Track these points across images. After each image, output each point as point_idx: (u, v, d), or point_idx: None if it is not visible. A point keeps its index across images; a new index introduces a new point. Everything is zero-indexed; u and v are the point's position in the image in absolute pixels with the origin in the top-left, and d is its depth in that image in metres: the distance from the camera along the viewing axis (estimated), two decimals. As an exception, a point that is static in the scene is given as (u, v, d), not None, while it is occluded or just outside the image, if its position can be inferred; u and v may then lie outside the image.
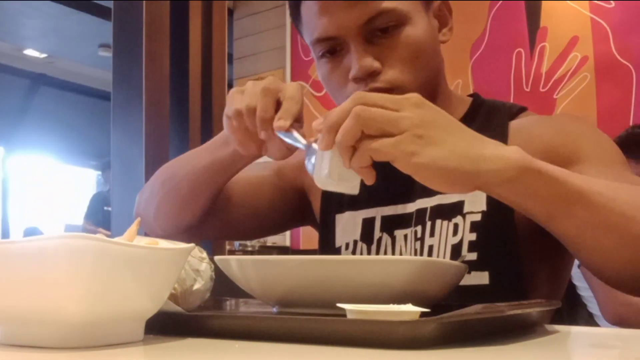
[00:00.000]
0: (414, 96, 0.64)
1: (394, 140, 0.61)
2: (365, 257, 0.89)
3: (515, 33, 3.13)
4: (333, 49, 0.87)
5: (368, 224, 0.95)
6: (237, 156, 0.85)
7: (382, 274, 0.63)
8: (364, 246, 0.94)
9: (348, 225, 0.96)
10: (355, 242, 0.95)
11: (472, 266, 0.83)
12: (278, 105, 0.76)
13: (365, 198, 0.96)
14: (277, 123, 0.74)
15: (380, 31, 0.85)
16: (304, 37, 0.93)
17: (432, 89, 0.90)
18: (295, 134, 0.74)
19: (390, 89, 0.84)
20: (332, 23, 0.85)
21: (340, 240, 0.96)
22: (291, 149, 0.78)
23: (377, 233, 0.93)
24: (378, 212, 0.94)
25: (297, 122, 0.76)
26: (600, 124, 2.80)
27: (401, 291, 0.63)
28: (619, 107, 2.84)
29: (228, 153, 0.86)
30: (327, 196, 1.01)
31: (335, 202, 0.99)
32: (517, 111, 0.93)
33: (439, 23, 0.92)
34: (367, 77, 0.85)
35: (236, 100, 0.78)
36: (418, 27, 0.86)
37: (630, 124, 2.69)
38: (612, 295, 1.83)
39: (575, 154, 0.82)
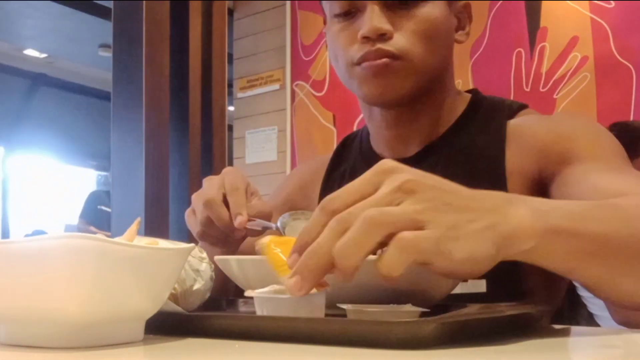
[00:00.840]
0: (384, 163, 0.52)
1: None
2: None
3: (515, 33, 3.12)
4: (349, 9, 0.88)
5: None
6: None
7: (364, 276, 0.63)
8: None
9: None
10: None
11: None
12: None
13: None
14: (236, 223, 0.77)
15: (400, 1, 0.86)
16: None
17: (437, 78, 0.90)
18: (259, 221, 0.78)
19: (397, 56, 0.85)
20: None
21: None
22: (242, 234, 0.81)
23: None
24: None
25: (253, 194, 0.80)
26: (600, 123, 2.79)
27: (403, 291, 0.63)
28: (619, 107, 2.83)
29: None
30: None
31: None
32: (517, 109, 0.93)
33: (458, 24, 0.93)
34: (377, 39, 0.85)
35: (192, 223, 0.82)
36: (437, 10, 0.87)
37: (630, 124, 2.68)
38: None
39: (568, 153, 0.81)
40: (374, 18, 0.85)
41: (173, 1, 2.32)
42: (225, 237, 0.82)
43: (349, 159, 1.03)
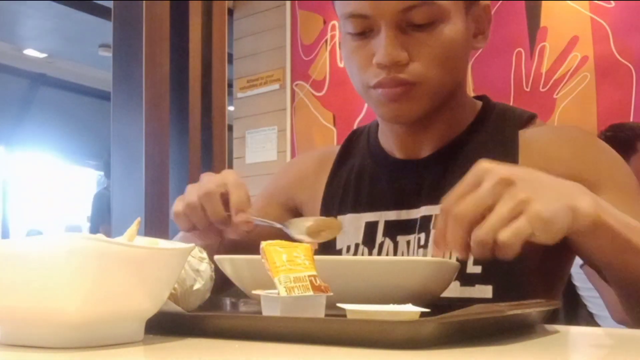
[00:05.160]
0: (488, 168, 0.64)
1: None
2: (358, 257, 0.88)
3: (515, 33, 3.12)
4: (362, 29, 0.85)
5: (371, 228, 0.94)
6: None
7: (374, 276, 0.63)
8: (366, 250, 0.93)
9: (351, 227, 0.95)
10: (357, 245, 0.94)
11: (476, 280, 0.82)
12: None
13: (369, 201, 0.95)
14: (237, 218, 0.78)
15: (415, 23, 0.83)
16: (335, 8, 0.91)
17: (452, 92, 0.89)
18: (258, 219, 0.80)
19: (412, 83, 0.84)
20: (370, 1, 0.83)
21: (341, 243, 0.95)
22: (250, 230, 0.81)
23: (379, 237, 0.92)
24: (382, 217, 0.93)
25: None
26: (600, 124, 2.79)
27: (403, 291, 0.63)
28: (619, 107, 2.83)
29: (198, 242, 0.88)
30: (329, 197, 1.00)
31: (337, 204, 0.98)
32: (527, 119, 0.93)
33: (476, 28, 0.90)
34: (392, 66, 0.83)
35: (177, 204, 0.82)
36: (455, 27, 0.84)
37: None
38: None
39: (596, 182, 0.82)
40: (388, 45, 0.82)
41: (173, 1, 2.32)
42: (205, 230, 0.81)
43: (356, 155, 1.03)
